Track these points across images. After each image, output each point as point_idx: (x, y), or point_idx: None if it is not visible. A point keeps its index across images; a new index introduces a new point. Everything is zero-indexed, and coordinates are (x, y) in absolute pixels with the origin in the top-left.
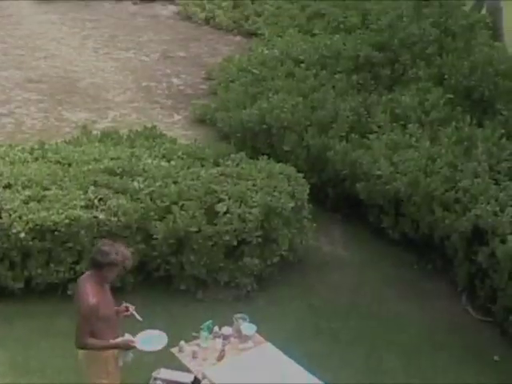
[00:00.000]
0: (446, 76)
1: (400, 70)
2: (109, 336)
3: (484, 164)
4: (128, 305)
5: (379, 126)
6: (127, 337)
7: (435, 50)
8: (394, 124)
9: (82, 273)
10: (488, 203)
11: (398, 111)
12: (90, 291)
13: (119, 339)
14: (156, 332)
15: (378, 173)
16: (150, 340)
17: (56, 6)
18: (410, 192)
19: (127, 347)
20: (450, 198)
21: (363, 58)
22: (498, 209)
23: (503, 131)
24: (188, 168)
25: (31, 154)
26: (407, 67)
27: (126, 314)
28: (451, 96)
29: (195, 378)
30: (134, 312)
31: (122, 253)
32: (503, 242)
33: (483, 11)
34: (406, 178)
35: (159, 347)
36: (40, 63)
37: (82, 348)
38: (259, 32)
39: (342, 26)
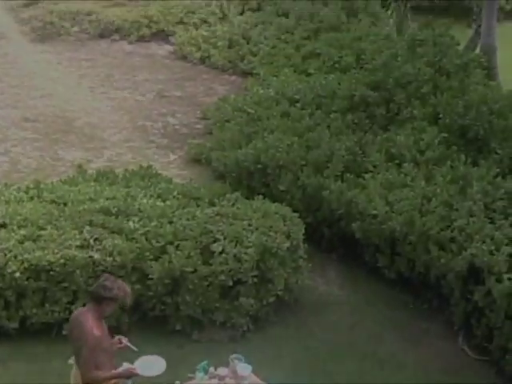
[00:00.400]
0: (440, 115)
1: (395, 110)
2: (108, 367)
3: (479, 203)
4: (121, 337)
5: (374, 166)
6: (127, 365)
7: (430, 89)
8: (389, 163)
9: None
10: (483, 242)
11: (393, 150)
12: (93, 324)
13: (121, 369)
14: (153, 357)
15: (374, 212)
16: (149, 365)
17: (52, 46)
18: (406, 231)
19: (129, 375)
20: (446, 237)
21: (358, 97)
22: (493, 248)
23: (498, 170)
24: (183, 208)
25: (27, 193)
26: (402, 106)
27: (119, 346)
28: (446, 135)
29: None
30: (129, 343)
31: (123, 288)
32: (499, 280)
33: (477, 50)
34: (401, 217)
35: (160, 372)
36: (36, 102)
37: (90, 381)
38: (254, 71)
39: (336, 65)
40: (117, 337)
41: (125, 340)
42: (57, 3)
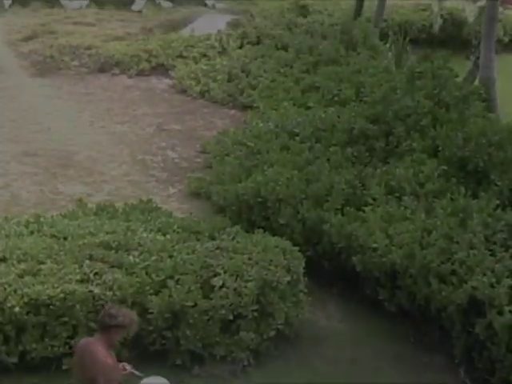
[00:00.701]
0: (440, 147)
1: (394, 142)
2: None
3: (480, 235)
4: (125, 364)
5: (374, 199)
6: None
7: (429, 122)
8: (389, 196)
9: None
10: (484, 275)
11: (392, 183)
12: (104, 353)
13: None
14: (157, 379)
15: (374, 245)
16: None
17: (52, 80)
18: (406, 264)
19: None
20: (446, 269)
21: (357, 130)
22: (494, 280)
23: (498, 202)
24: (183, 242)
25: (27, 227)
26: (401, 139)
27: (124, 373)
28: (445, 167)
29: None
30: (133, 369)
31: (128, 315)
32: (500, 313)
33: (476, 82)
34: (401, 250)
35: None
36: (36, 136)
37: None
38: (254, 105)
39: (336, 98)
40: (121, 364)
41: (129, 367)
42: (57, 37)
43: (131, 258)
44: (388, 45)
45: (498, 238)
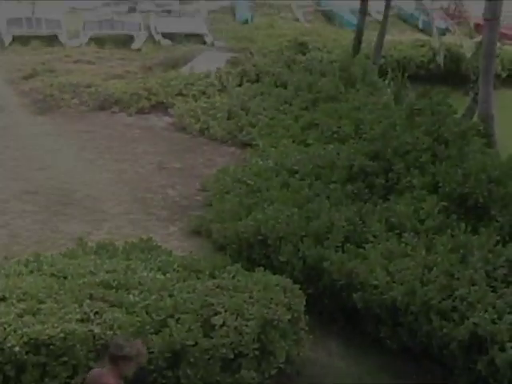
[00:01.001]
0: (439, 184)
1: (394, 179)
2: None
3: (480, 271)
4: None
5: (375, 236)
6: None
7: (428, 158)
8: (390, 233)
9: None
10: (486, 311)
11: (393, 220)
12: None
13: None
14: None
15: (375, 282)
16: None
17: (52, 118)
18: (407, 301)
19: None
20: (448, 306)
21: (357, 167)
22: (496, 316)
23: (499, 237)
24: (184, 281)
25: (26, 266)
26: (401, 176)
27: None
28: (445, 204)
29: None
30: None
31: (136, 347)
32: (502, 349)
33: (475, 118)
34: (402, 287)
35: None
36: (36, 174)
37: None
38: (254, 143)
39: (335, 135)
40: None
41: None
42: (57, 76)
43: (131, 297)
44: (387, 81)
45: (498, 273)
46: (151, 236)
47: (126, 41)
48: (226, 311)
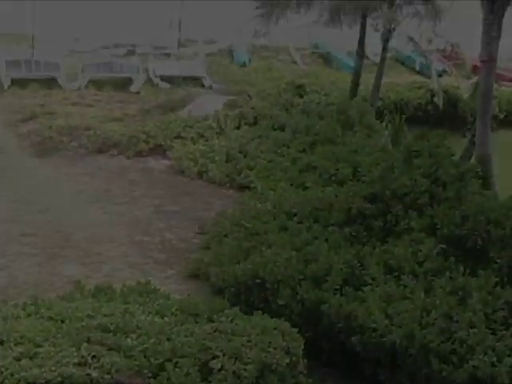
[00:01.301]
0: (438, 226)
1: (392, 221)
2: None
3: (479, 313)
4: None
5: (373, 278)
6: None
7: (427, 201)
8: (388, 276)
9: None
10: (485, 354)
11: (391, 262)
12: None
13: None
14: None
15: (373, 325)
16: None
17: (51, 160)
18: (406, 344)
19: None
20: (447, 349)
21: (355, 209)
22: (495, 359)
23: (497, 279)
24: (182, 324)
25: (24, 309)
26: (399, 218)
27: None
28: (444, 246)
29: None
30: None
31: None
32: None
33: (473, 159)
34: (401, 330)
35: None
36: (34, 217)
37: None
38: (252, 185)
39: (333, 178)
40: None
41: None
42: (55, 118)
43: (129, 340)
44: (384, 123)
45: (498, 316)
46: (149, 279)
47: (124, 83)
48: (224, 355)
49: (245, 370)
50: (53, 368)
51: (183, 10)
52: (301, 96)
